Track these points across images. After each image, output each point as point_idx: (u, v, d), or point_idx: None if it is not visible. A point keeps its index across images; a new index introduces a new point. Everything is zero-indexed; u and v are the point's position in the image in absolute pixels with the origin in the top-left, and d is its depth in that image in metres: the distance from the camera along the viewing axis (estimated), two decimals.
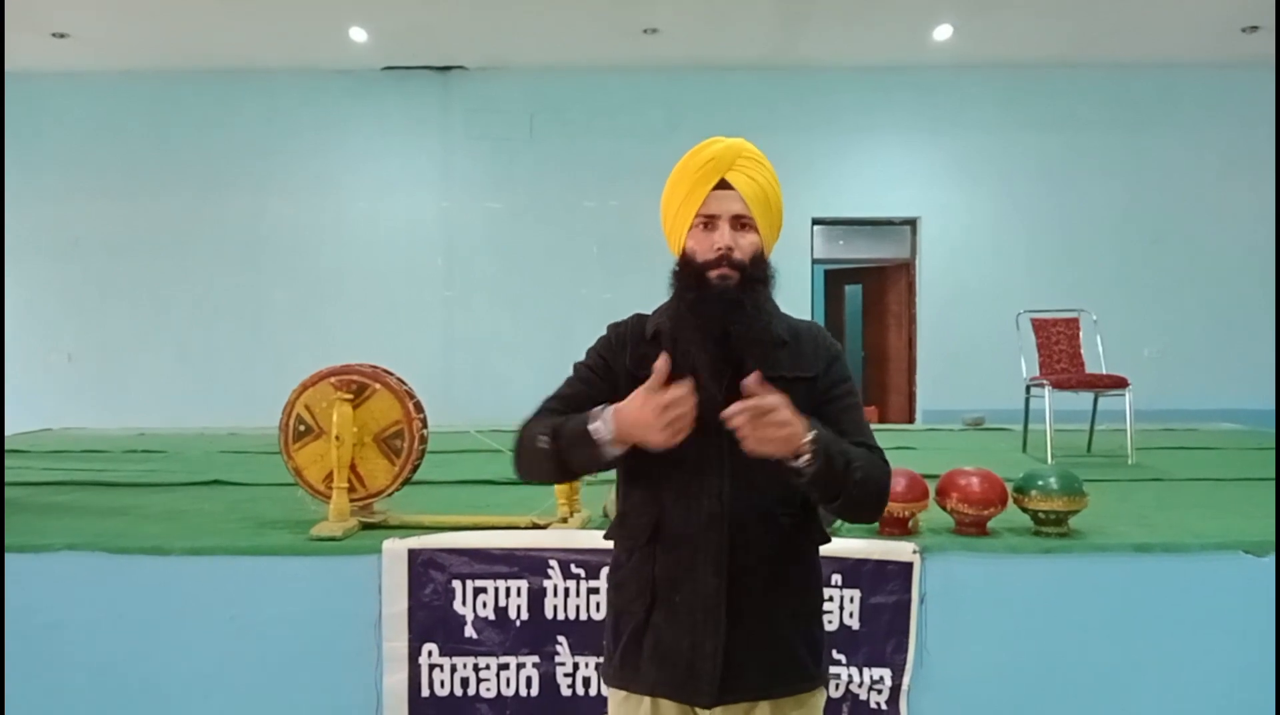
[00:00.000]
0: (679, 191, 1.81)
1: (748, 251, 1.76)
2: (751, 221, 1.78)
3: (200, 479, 4.63)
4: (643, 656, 1.79)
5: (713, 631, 1.73)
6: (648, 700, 1.79)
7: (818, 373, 1.81)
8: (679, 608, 1.76)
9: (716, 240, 1.75)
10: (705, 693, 1.74)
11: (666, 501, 1.78)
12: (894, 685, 2.95)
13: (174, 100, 9.48)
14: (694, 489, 1.74)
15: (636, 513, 1.82)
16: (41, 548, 3.09)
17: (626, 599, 1.83)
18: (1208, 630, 3.00)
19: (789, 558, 1.79)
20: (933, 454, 5.53)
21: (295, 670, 3.03)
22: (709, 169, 1.78)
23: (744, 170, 1.79)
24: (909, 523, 3.15)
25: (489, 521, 3.24)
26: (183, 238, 9.45)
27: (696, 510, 1.75)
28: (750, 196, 1.78)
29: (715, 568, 1.74)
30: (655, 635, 1.78)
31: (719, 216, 1.77)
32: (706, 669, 1.73)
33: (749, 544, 1.74)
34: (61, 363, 9.41)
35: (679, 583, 1.76)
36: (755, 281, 1.76)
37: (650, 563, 1.79)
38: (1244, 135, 9.30)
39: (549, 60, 9.23)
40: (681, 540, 1.76)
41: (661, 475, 1.77)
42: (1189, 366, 9.15)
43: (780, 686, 1.78)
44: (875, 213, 9.78)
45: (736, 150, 1.80)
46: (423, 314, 9.45)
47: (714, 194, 1.77)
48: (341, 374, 3.31)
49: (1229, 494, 4.22)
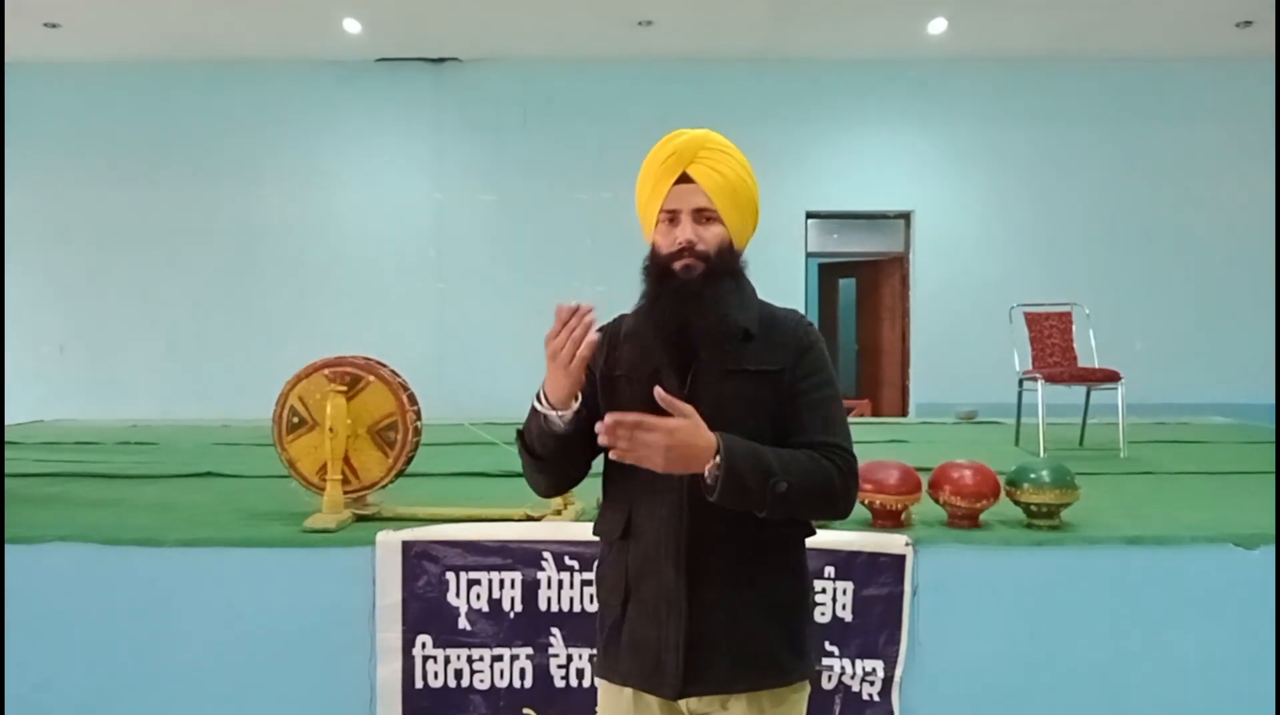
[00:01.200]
0: (645, 187, 1.82)
1: (712, 243, 1.77)
2: (715, 214, 1.78)
3: (193, 471, 4.62)
4: (620, 648, 1.82)
5: (675, 624, 1.75)
6: (629, 691, 1.82)
7: (785, 366, 1.77)
8: (646, 602, 1.78)
9: (678, 235, 1.76)
10: (669, 684, 1.76)
11: (636, 498, 1.80)
12: (886, 677, 2.96)
13: (166, 91, 9.45)
14: (658, 485, 1.75)
15: (612, 509, 1.86)
16: (34, 539, 3.08)
17: (605, 592, 1.88)
18: (1198, 622, 3.02)
19: (757, 551, 1.78)
20: (926, 447, 5.55)
21: (289, 662, 3.03)
22: (670, 163, 1.78)
23: (706, 162, 1.78)
24: (901, 515, 3.16)
25: (483, 514, 3.24)
26: (174, 228, 9.43)
27: (661, 506, 1.76)
28: (713, 188, 1.77)
29: (675, 562, 1.75)
30: (630, 628, 1.81)
31: (680, 211, 1.77)
32: (670, 661, 1.75)
33: (710, 538, 1.74)
34: (53, 354, 9.39)
35: (646, 577, 1.79)
36: (720, 273, 1.76)
37: (624, 557, 1.82)
38: (1237, 130, 9.33)
39: (543, 52, 9.22)
40: (648, 535, 1.78)
41: (631, 473, 1.75)
42: (1181, 360, 9.18)
43: (749, 679, 1.78)
44: (869, 206, 9.78)
45: (699, 142, 1.80)
46: (415, 305, 9.44)
47: (675, 189, 1.78)
48: (335, 366, 3.31)
49: (1220, 487, 4.25)
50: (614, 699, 1.85)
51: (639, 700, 1.81)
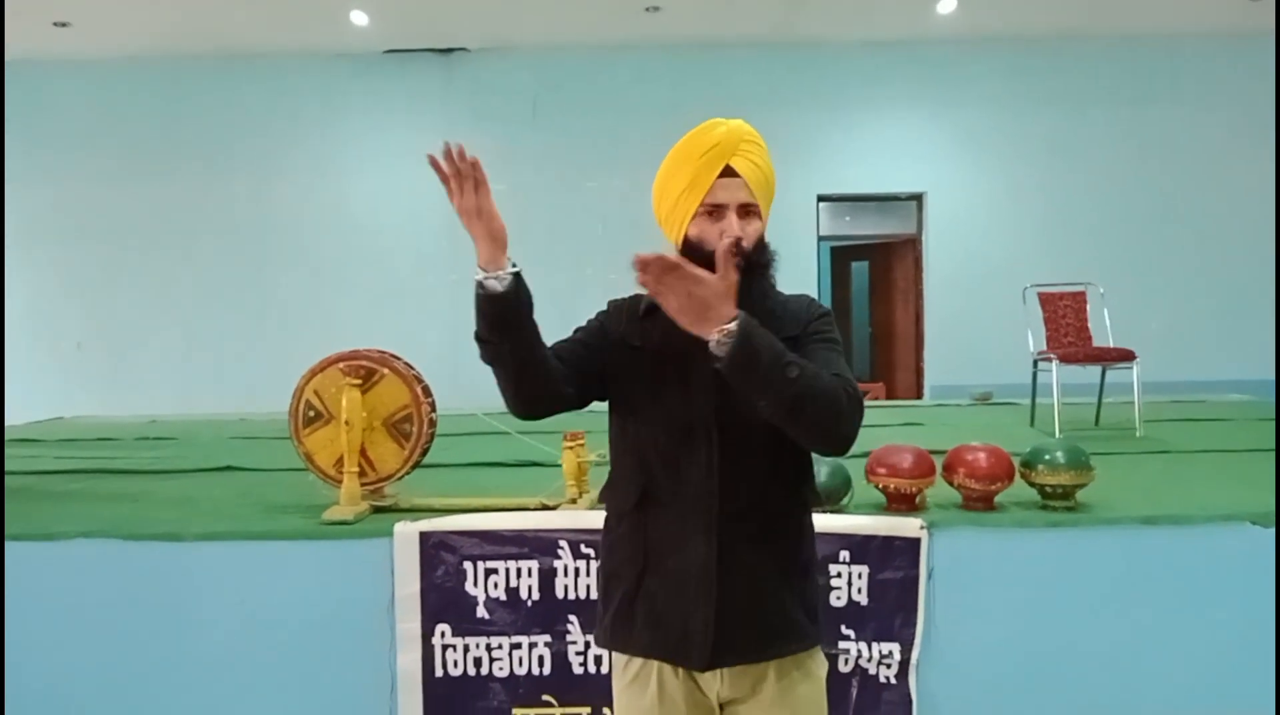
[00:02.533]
0: (681, 178, 1.77)
1: (753, 238, 1.76)
2: (756, 208, 1.77)
3: (212, 465, 4.66)
4: (635, 621, 1.81)
5: (705, 599, 1.74)
6: (655, 666, 1.81)
7: (799, 332, 1.78)
8: (671, 574, 1.77)
9: (725, 229, 1.73)
10: (698, 657, 1.76)
11: (654, 469, 1.79)
12: (902, 660, 2.97)
13: (175, 86, 9.48)
14: (683, 457, 1.75)
15: (624, 479, 1.84)
16: (55, 536, 3.11)
17: (617, 562, 1.85)
18: (1215, 602, 3.01)
19: (779, 523, 1.80)
20: (940, 430, 5.54)
21: (310, 653, 3.06)
22: (713, 155, 1.75)
23: (747, 155, 1.76)
24: (916, 499, 3.17)
25: (499, 503, 3.25)
26: (187, 223, 9.48)
27: (686, 478, 1.76)
28: (755, 182, 1.76)
29: (706, 536, 1.75)
30: (648, 600, 1.79)
31: (726, 205, 1.75)
32: (699, 635, 1.75)
33: (739, 512, 1.75)
34: (71, 350, 9.45)
35: (670, 550, 1.77)
36: (759, 267, 1.76)
37: (641, 528, 1.80)
38: (1250, 107, 9.25)
39: (551, 40, 9.21)
40: (671, 507, 1.77)
41: (650, 443, 1.78)
42: (1196, 338, 9.13)
43: (774, 647, 1.79)
44: (881, 188, 9.76)
45: (739, 134, 1.78)
46: (429, 297, 9.45)
47: (720, 182, 1.74)
48: (350, 359, 3.33)
49: (1236, 465, 4.23)
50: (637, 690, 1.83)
51: (662, 689, 1.80)
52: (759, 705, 1.79)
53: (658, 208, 1.85)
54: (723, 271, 1.53)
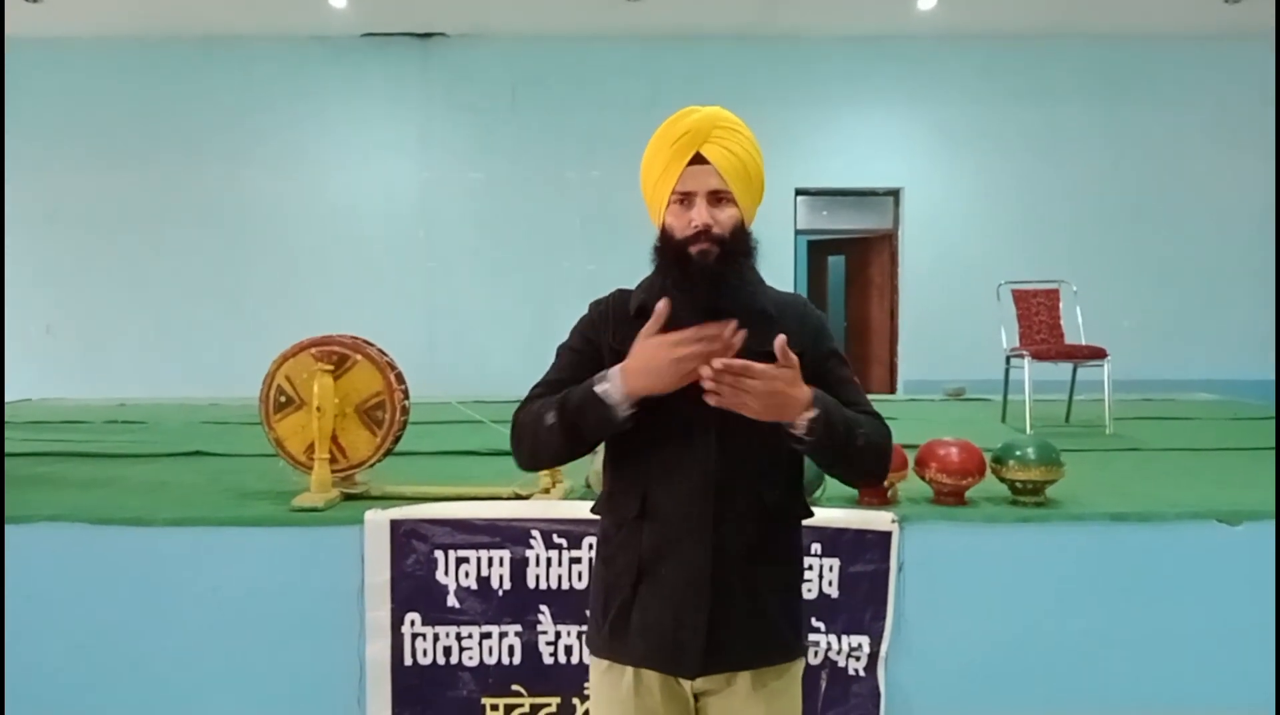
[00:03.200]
0: (656, 166, 1.77)
1: (727, 225, 1.74)
2: (730, 195, 1.75)
3: (182, 450, 4.62)
4: (630, 630, 1.80)
5: (698, 606, 1.74)
6: (630, 670, 1.80)
7: (804, 348, 1.76)
8: (664, 582, 1.76)
9: (694, 218, 1.72)
10: (690, 665, 1.76)
11: (654, 477, 1.77)
12: (872, 652, 2.98)
13: (149, 67, 9.37)
14: (682, 465, 1.74)
15: (624, 490, 1.82)
16: (23, 519, 3.08)
17: (615, 573, 1.83)
18: (1182, 598, 3.05)
19: (774, 533, 1.80)
20: (913, 424, 5.56)
21: (278, 640, 3.04)
22: (684, 143, 1.74)
23: (720, 142, 1.75)
24: (888, 492, 3.18)
25: (471, 492, 3.24)
26: (160, 207, 9.38)
27: (684, 486, 1.75)
28: (727, 169, 1.74)
29: (701, 544, 1.74)
30: (642, 609, 1.79)
31: (695, 193, 1.74)
32: (691, 642, 1.74)
33: (735, 519, 1.74)
34: (40, 334, 9.34)
35: (665, 558, 1.77)
36: (736, 254, 1.74)
37: (638, 538, 1.79)
38: (1225, 107, 9.35)
39: (531, 28, 9.16)
40: (669, 516, 1.76)
41: (649, 451, 1.77)
42: (1168, 337, 9.23)
43: (761, 657, 1.80)
44: (858, 183, 9.79)
45: (712, 121, 1.76)
46: (404, 285, 9.42)
47: (689, 170, 1.74)
48: (322, 345, 3.30)
49: (1205, 464, 4.28)
50: (614, 679, 1.83)
51: (639, 679, 1.80)
52: (734, 696, 1.80)
53: (644, 194, 1.85)
54: (782, 359, 1.58)
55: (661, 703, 1.80)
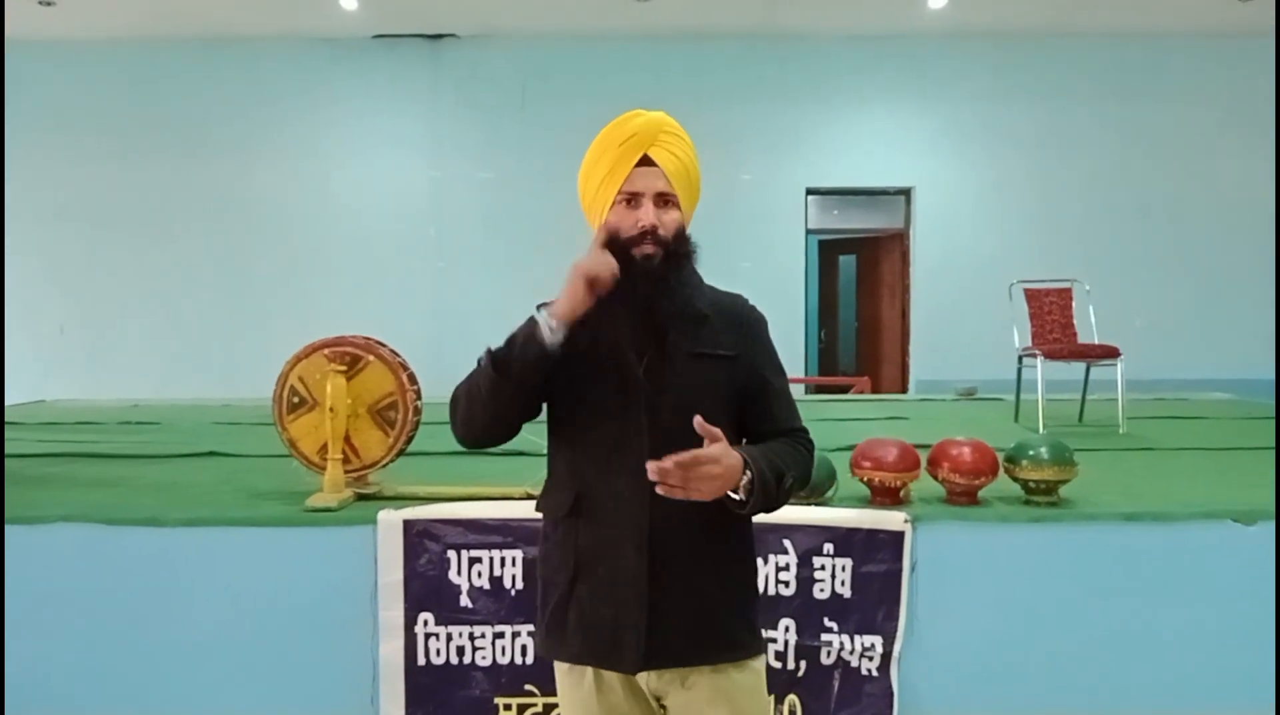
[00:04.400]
0: (601, 167, 1.81)
1: (670, 228, 1.77)
2: (674, 198, 1.79)
3: (195, 450, 4.63)
4: (568, 627, 1.81)
5: (635, 605, 1.75)
6: (590, 670, 1.82)
7: (740, 352, 1.82)
8: (601, 581, 1.78)
9: (641, 218, 1.75)
10: (629, 661, 1.77)
11: (587, 475, 1.79)
12: (885, 652, 2.98)
13: (161, 69, 9.40)
14: (614, 464, 1.76)
15: (558, 486, 1.85)
16: (36, 520, 3.09)
17: (551, 570, 1.86)
18: (1196, 599, 3.03)
19: (715, 530, 1.80)
20: (925, 424, 5.55)
21: (291, 641, 3.05)
22: (631, 145, 1.78)
23: (666, 146, 1.79)
24: (900, 492, 3.17)
25: (483, 492, 3.25)
26: (171, 208, 9.41)
27: (616, 485, 1.76)
28: (673, 173, 1.78)
29: (636, 543, 1.75)
30: (579, 607, 1.80)
31: (643, 194, 1.77)
32: (630, 640, 1.75)
33: (671, 518, 1.74)
34: (53, 333, 9.38)
35: (601, 556, 1.78)
36: (678, 257, 1.77)
37: (573, 535, 1.81)
38: (1236, 106, 9.30)
39: (540, 28, 9.17)
40: (603, 514, 1.78)
41: (582, 449, 1.79)
42: (1180, 336, 9.18)
43: (706, 655, 1.80)
44: (869, 182, 9.76)
45: (659, 125, 1.80)
46: (414, 284, 9.43)
47: (637, 171, 1.77)
48: (335, 346, 3.31)
49: (1219, 463, 4.26)
50: (574, 680, 1.84)
51: (599, 679, 1.81)
52: (694, 696, 1.80)
53: (582, 196, 1.89)
54: (709, 436, 1.62)
55: (624, 699, 1.82)
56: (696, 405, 1.66)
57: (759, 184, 9.04)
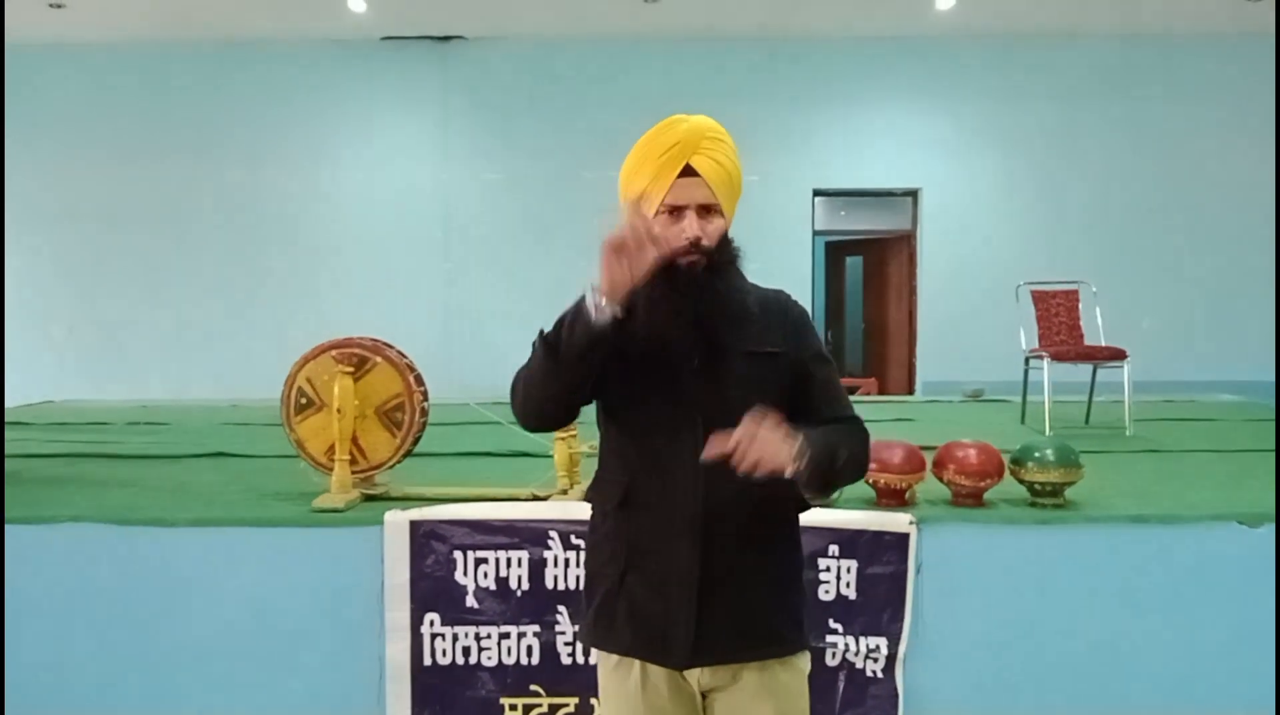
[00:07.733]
0: (641, 176, 1.78)
1: (715, 237, 1.76)
2: (718, 207, 1.77)
3: (203, 451, 4.65)
4: (617, 619, 1.82)
5: (686, 599, 1.76)
6: (637, 666, 1.82)
7: (786, 348, 1.82)
8: (652, 574, 1.79)
9: (686, 229, 1.73)
10: (678, 656, 1.78)
11: (637, 468, 1.80)
12: (890, 654, 2.98)
13: (170, 71, 9.43)
14: (667, 458, 1.76)
15: (609, 478, 1.86)
16: (46, 520, 3.11)
17: (600, 561, 1.87)
18: (1203, 601, 3.03)
19: (765, 526, 1.82)
20: (931, 426, 5.55)
21: (298, 641, 3.07)
22: (673, 154, 1.75)
23: (708, 153, 1.76)
24: (906, 494, 3.18)
25: (490, 493, 3.26)
26: (180, 209, 9.44)
27: (670, 479, 1.77)
28: (716, 181, 1.76)
29: (690, 537, 1.76)
30: (629, 598, 1.81)
31: (686, 206, 1.75)
32: (680, 634, 1.76)
33: (725, 514, 1.75)
34: (62, 334, 9.42)
35: (652, 550, 1.79)
36: (723, 265, 1.77)
37: (624, 527, 1.82)
38: (1245, 106, 9.25)
39: (548, 30, 9.18)
40: (655, 507, 1.78)
41: (634, 443, 1.80)
42: (1188, 338, 9.16)
43: (754, 650, 1.81)
44: (876, 184, 9.74)
45: (700, 132, 1.77)
46: (421, 286, 9.44)
47: (679, 183, 1.74)
48: (342, 347, 3.33)
49: (1226, 465, 4.25)
50: (621, 675, 1.84)
51: (645, 675, 1.82)
52: (740, 692, 1.81)
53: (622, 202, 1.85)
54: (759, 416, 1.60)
55: (668, 698, 1.82)
56: (748, 401, 1.66)
57: (766, 185, 9.01)
